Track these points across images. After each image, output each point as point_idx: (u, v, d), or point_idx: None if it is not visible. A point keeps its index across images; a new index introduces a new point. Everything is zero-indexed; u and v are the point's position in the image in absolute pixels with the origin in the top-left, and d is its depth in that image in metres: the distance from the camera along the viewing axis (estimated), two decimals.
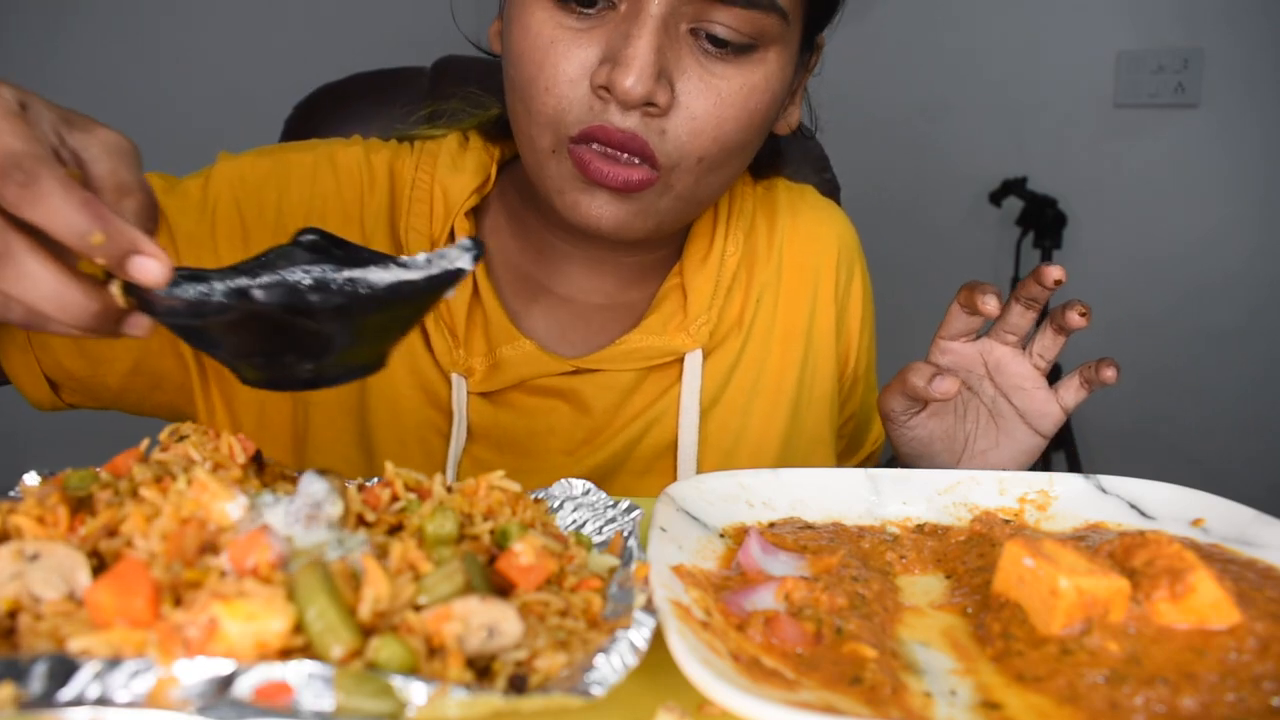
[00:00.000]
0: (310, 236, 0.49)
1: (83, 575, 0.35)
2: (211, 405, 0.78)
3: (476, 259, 0.50)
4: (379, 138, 0.88)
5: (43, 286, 0.43)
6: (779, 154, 0.92)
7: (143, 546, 0.36)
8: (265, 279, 0.46)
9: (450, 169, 0.83)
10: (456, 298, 0.79)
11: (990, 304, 0.69)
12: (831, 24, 0.80)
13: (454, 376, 0.77)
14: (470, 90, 0.90)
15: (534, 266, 0.85)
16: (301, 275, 0.47)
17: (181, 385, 0.78)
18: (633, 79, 0.65)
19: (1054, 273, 0.67)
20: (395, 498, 0.42)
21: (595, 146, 0.69)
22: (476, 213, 0.84)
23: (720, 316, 0.85)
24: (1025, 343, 0.74)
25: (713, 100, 0.69)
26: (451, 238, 0.80)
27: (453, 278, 0.48)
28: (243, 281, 0.45)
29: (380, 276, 0.48)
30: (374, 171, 0.84)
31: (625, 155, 0.69)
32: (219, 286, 0.44)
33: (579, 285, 0.85)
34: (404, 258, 0.51)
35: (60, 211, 0.41)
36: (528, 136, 0.73)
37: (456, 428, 0.76)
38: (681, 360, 0.83)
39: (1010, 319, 0.72)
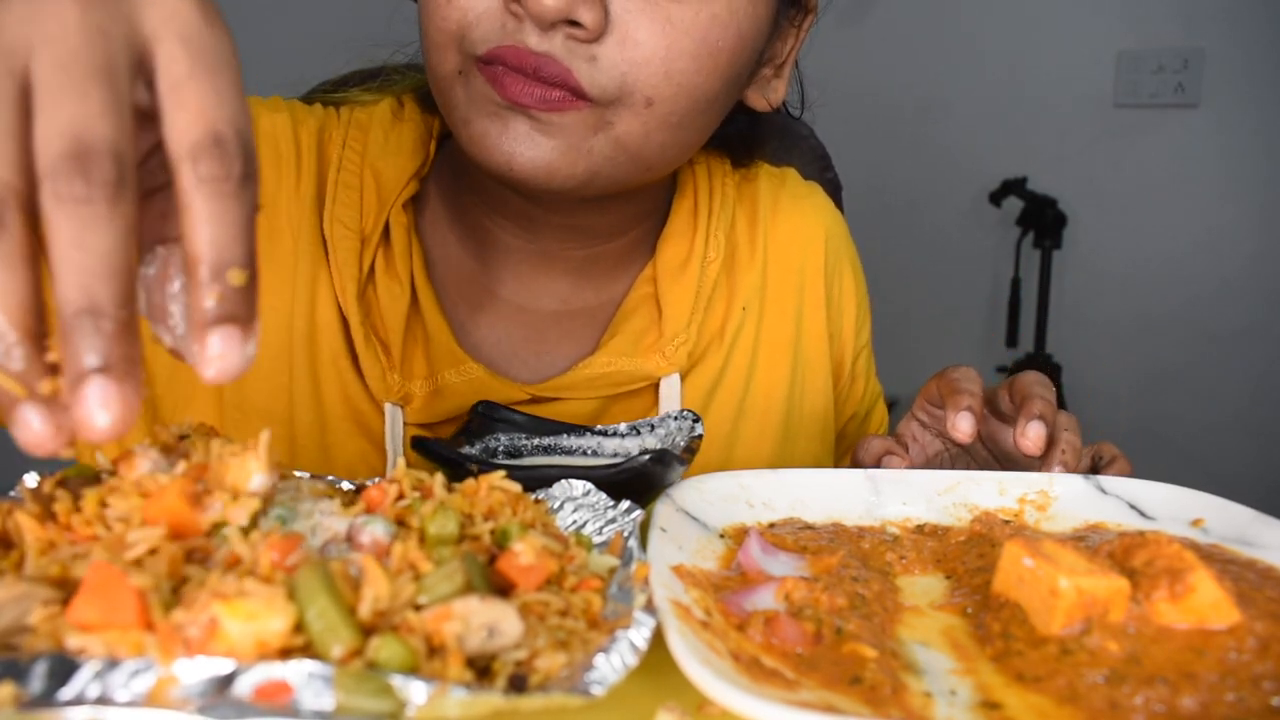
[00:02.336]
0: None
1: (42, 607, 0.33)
2: None
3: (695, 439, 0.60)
4: (301, 98, 0.75)
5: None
6: (758, 138, 0.80)
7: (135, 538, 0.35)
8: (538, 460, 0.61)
9: (383, 148, 0.70)
10: (392, 308, 0.67)
11: (963, 430, 0.60)
12: None
13: (387, 406, 0.66)
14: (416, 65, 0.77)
15: (476, 264, 0.73)
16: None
17: None
18: None
19: (1028, 445, 0.60)
20: (401, 495, 0.42)
21: (502, 71, 0.58)
22: (416, 200, 0.72)
23: (700, 331, 0.74)
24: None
25: (661, 25, 0.57)
26: (386, 234, 0.69)
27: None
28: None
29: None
30: (301, 146, 0.70)
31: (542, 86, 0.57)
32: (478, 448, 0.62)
33: (528, 287, 0.73)
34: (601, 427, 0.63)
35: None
36: (431, 66, 0.62)
37: (390, 467, 0.64)
38: (656, 384, 0.72)
39: (1001, 406, 0.65)
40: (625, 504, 0.49)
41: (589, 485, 0.51)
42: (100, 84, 0.31)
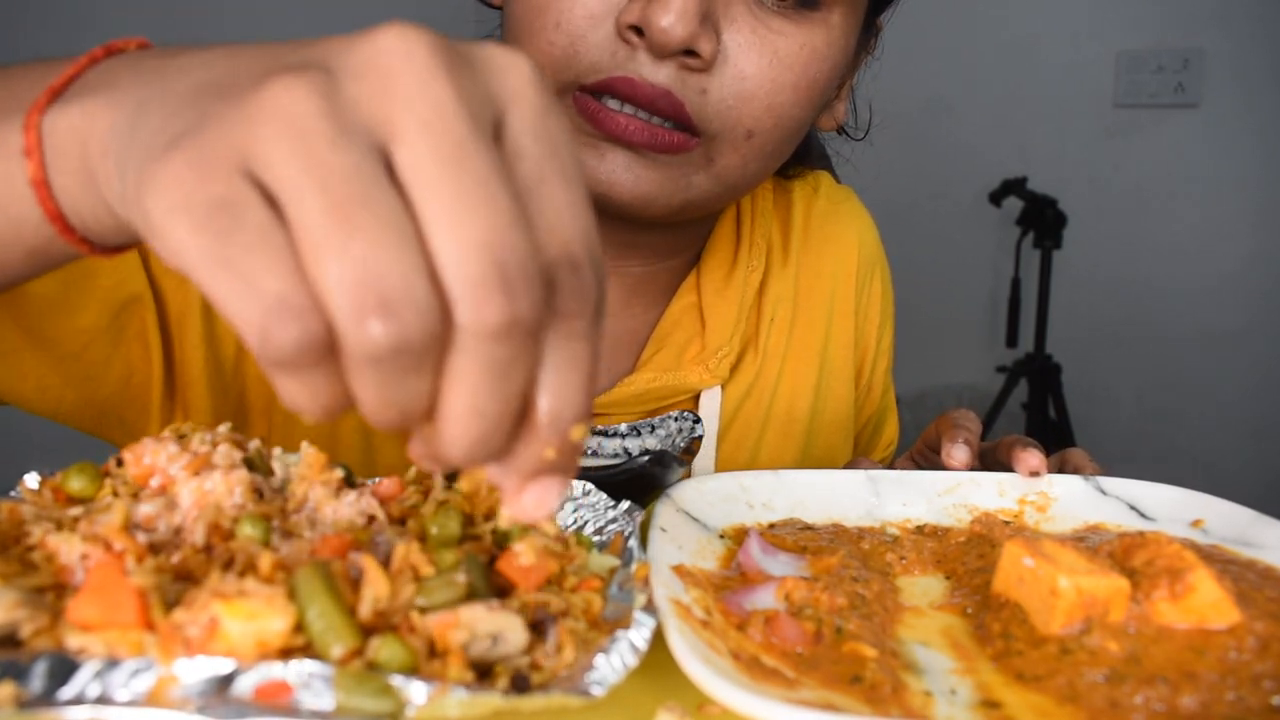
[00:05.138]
0: None
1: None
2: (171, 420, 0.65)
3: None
4: None
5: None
6: (807, 149, 0.80)
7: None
8: None
9: None
10: None
11: (958, 458, 0.59)
12: (891, 7, 0.70)
13: None
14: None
15: None
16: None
17: (126, 396, 0.64)
18: (672, 17, 0.52)
19: (955, 464, 0.59)
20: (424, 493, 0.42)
21: (612, 103, 0.56)
22: None
23: (739, 341, 0.74)
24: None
25: (768, 59, 0.57)
26: None
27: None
28: None
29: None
30: None
31: (655, 118, 0.57)
32: None
33: None
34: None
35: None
36: None
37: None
38: (695, 397, 0.72)
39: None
40: (625, 504, 0.49)
41: (589, 485, 0.51)
42: (502, 188, 0.25)
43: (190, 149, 0.25)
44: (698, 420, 0.63)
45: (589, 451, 0.64)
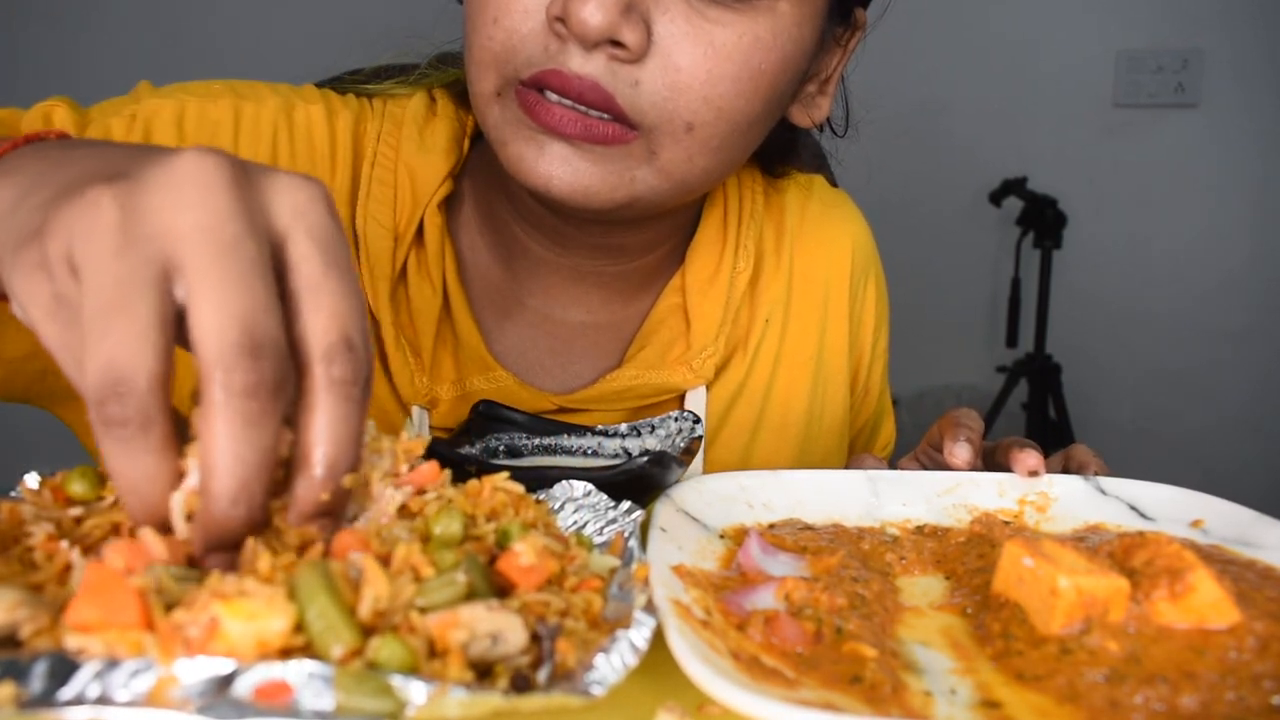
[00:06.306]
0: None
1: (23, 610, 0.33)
2: None
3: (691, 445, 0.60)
4: (333, 87, 0.74)
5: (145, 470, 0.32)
6: (794, 147, 0.80)
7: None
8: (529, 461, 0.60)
9: (417, 145, 0.69)
10: (423, 311, 0.67)
11: (960, 456, 0.59)
12: (878, 1, 0.67)
13: (414, 409, 0.66)
14: (449, 53, 0.77)
15: (505, 272, 0.72)
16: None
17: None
18: (591, 6, 0.53)
19: (957, 462, 0.59)
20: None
21: (552, 96, 0.57)
22: (448, 200, 0.70)
23: (726, 343, 0.74)
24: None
25: (702, 50, 0.56)
26: (419, 234, 0.68)
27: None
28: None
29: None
30: (336, 140, 0.68)
31: (594, 111, 0.57)
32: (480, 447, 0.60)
33: (557, 299, 0.73)
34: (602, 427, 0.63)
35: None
36: (470, 80, 0.61)
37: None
38: (681, 397, 0.72)
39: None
40: (626, 504, 0.49)
41: (589, 486, 0.51)
42: (260, 277, 0.31)
43: (34, 250, 0.33)
44: (698, 420, 0.63)
45: (589, 451, 0.64)
